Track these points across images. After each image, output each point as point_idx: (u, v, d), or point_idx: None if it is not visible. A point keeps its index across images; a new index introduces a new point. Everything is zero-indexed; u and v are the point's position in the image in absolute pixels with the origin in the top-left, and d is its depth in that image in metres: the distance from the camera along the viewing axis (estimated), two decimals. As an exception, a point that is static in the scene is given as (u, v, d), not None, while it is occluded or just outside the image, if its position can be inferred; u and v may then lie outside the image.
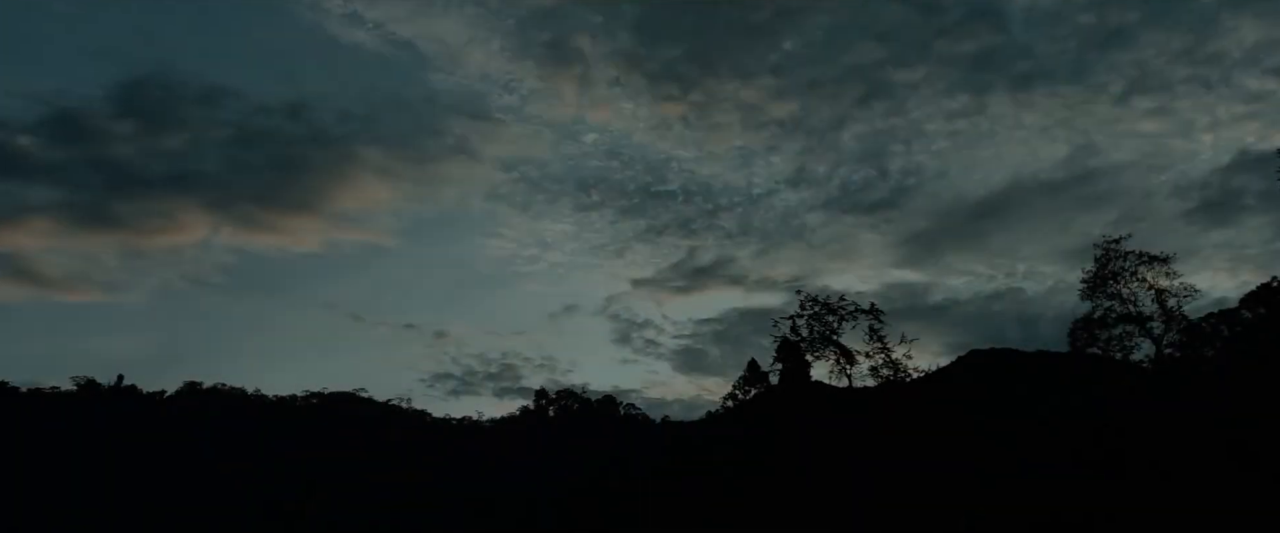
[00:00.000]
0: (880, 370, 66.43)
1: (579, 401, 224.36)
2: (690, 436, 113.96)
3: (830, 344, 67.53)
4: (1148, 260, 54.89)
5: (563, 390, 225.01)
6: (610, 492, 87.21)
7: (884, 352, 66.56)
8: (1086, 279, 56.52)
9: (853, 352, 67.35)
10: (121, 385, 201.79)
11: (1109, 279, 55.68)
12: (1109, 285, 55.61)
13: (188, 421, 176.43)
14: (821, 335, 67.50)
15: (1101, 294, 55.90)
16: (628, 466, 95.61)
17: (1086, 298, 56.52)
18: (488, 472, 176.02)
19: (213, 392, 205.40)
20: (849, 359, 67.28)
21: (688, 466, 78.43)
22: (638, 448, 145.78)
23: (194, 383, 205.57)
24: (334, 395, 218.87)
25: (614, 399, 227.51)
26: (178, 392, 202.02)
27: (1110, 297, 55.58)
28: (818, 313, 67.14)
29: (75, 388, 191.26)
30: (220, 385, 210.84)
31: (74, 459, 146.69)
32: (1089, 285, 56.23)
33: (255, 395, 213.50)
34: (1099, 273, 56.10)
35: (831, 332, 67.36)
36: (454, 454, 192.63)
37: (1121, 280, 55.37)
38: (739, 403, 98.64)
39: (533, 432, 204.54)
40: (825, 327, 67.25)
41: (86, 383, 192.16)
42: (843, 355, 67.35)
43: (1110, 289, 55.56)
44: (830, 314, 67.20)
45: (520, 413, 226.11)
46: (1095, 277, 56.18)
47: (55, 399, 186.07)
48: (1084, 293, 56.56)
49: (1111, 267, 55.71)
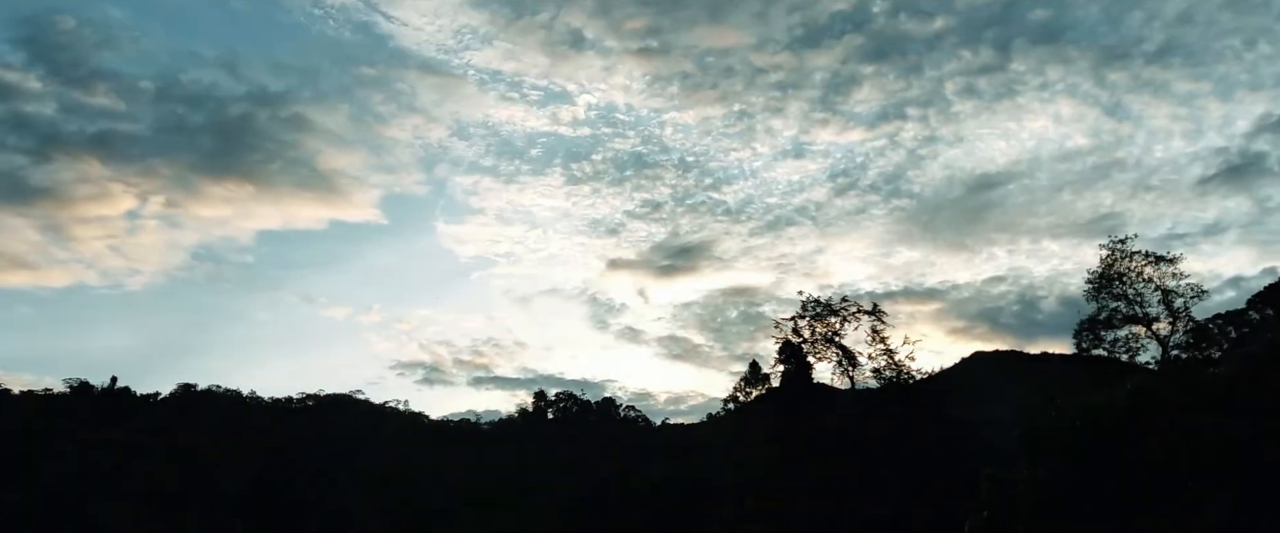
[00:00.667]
0: (883, 372, 66.52)
1: (578, 402, 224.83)
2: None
3: (832, 345, 67.56)
4: (1154, 260, 54.85)
5: (562, 393, 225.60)
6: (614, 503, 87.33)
7: (887, 353, 66.68)
8: (1092, 279, 56.46)
9: (855, 353, 67.43)
10: (115, 388, 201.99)
11: (1115, 279, 55.60)
12: (1115, 286, 55.54)
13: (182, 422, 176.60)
14: (823, 336, 67.55)
15: (1107, 294, 55.83)
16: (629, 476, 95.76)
17: (1092, 299, 56.46)
18: (489, 476, 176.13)
19: (208, 394, 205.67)
20: (851, 360, 67.36)
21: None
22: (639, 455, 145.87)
23: (189, 385, 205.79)
24: (330, 398, 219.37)
25: (613, 401, 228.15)
26: (172, 394, 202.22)
27: (1116, 297, 55.51)
28: (819, 314, 67.18)
29: (67, 390, 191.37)
30: (215, 387, 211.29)
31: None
32: (1095, 286, 56.17)
33: (251, 397, 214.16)
34: (1105, 273, 56.01)
35: (833, 332, 67.42)
36: (453, 458, 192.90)
37: (1128, 281, 55.30)
38: (741, 405, 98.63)
39: (532, 435, 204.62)
40: (827, 328, 67.29)
41: (79, 384, 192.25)
42: (845, 357, 67.41)
43: (1116, 289, 55.49)
44: (832, 315, 67.27)
45: (518, 415, 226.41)
46: (1101, 277, 56.11)
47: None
48: (1089, 294, 56.50)
49: (1118, 266, 55.63)
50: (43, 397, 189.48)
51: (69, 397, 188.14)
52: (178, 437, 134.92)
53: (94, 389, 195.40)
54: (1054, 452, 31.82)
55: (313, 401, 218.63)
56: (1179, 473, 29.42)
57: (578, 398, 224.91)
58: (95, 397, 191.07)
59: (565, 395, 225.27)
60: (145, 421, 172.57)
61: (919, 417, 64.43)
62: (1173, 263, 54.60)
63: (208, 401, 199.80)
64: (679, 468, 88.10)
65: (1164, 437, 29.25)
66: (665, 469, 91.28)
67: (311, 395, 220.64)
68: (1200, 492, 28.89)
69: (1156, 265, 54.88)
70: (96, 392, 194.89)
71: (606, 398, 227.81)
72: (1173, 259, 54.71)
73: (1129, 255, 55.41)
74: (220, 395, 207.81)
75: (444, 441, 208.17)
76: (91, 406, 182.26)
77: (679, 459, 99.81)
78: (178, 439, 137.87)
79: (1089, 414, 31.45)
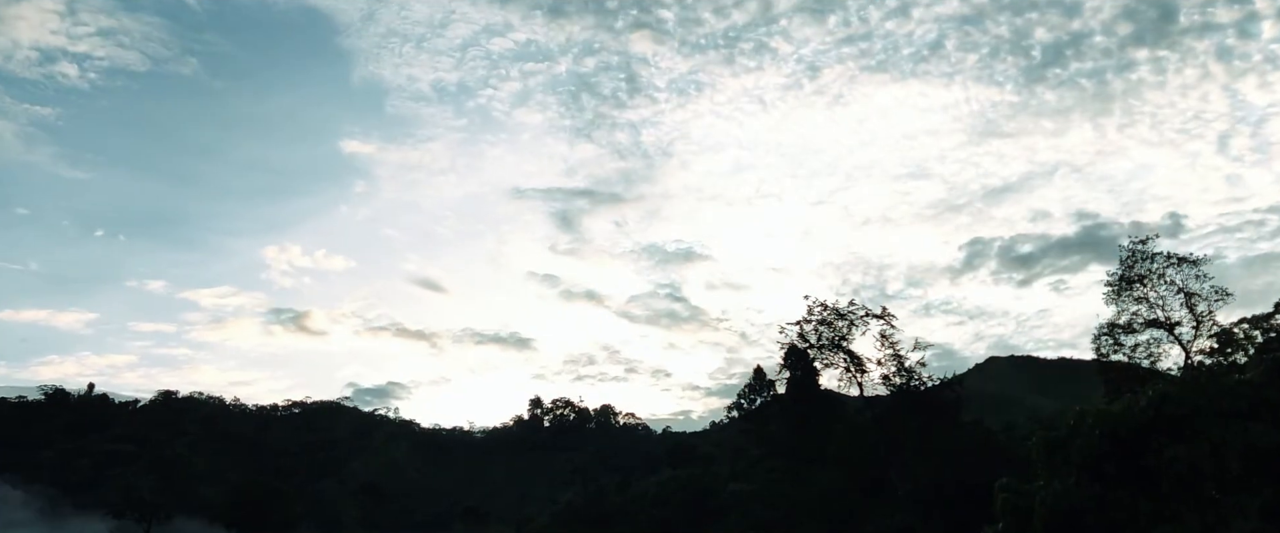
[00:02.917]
0: (893, 378, 66.32)
1: (576, 410, 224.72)
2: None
3: (840, 351, 67.33)
4: (1176, 262, 54.65)
5: (559, 400, 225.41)
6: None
7: (896, 358, 66.47)
8: (1111, 282, 56.27)
9: (863, 358, 67.20)
10: (92, 394, 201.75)
11: (1135, 281, 55.40)
12: (1135, 288, 55.34)
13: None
14: (830, 342, 67.30)
15: (1127, 297, 55.62)
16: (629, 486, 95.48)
17: (1111, 302, 56.25)
18: (483, 486, 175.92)
19: (190, 401, 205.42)
20: (860, 366, 67.13)
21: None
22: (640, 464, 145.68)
23: (170, 393, 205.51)
24: (317, 405, 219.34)
25: (611, 408, 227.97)
26: (151, 401, 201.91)
27: (1137, 300, 55.31)
28: (826, 318, 66.94)
29: (43, 397, 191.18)
30: (197, 394, 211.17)
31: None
32: (1115, 288, 55.95)
33: (235, 405, 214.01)
34: (1124, 275, 55.81)
35: (841, 337, 67.16)
36: (445, 467, 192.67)
37: (1149, 283, 55.10)
38: (746, 413, 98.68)
39: (527, 443, 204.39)
40: (834, 332, 67.05)
41: (54, 391, 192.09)
42: (853, 362, 67.19)
43: (1137, 292, 55.29)
44: (839, 319, 67.00)
45: (514, 423, 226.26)
46: (1121, 279, 55.90)
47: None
48: (1108, 296, 56.28)
49: (1138, 268, 55.44)
50: (15, 404, 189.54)
51: (44, 404, 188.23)
52: (158, 445, 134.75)
53: (71, 396, 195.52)
54: (1072, 461, 31.70)
55: (299, 409, 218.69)
56: (1203, 484, 29.32)
57: (575, 406, 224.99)
58: (72, 404, 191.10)
59: (562, 403, 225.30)
60: (124, 429, 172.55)
61: (931, 425, 64.30)
62: (1196, 264, 54.41)
63: (190, 408, 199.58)
64: (681, 478, 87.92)
65: (1187, 446, 29.13)
66: (667, 479, 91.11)
67: (298, 403, 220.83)
68: (1226, 504, 28.80)
69: (1179, 267, 54.67)
70: (73, 399, 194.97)
71: (605, 405, 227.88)
72: (1196, 260, 54.54)
73: (1150, 256, 55.21)
74: (203, 403, 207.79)
75: (435, 449, 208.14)
76: (68, 413, 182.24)
77: (681, 468, 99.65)
78: (158, 448, 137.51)
79: (1108, 422, 31.33)
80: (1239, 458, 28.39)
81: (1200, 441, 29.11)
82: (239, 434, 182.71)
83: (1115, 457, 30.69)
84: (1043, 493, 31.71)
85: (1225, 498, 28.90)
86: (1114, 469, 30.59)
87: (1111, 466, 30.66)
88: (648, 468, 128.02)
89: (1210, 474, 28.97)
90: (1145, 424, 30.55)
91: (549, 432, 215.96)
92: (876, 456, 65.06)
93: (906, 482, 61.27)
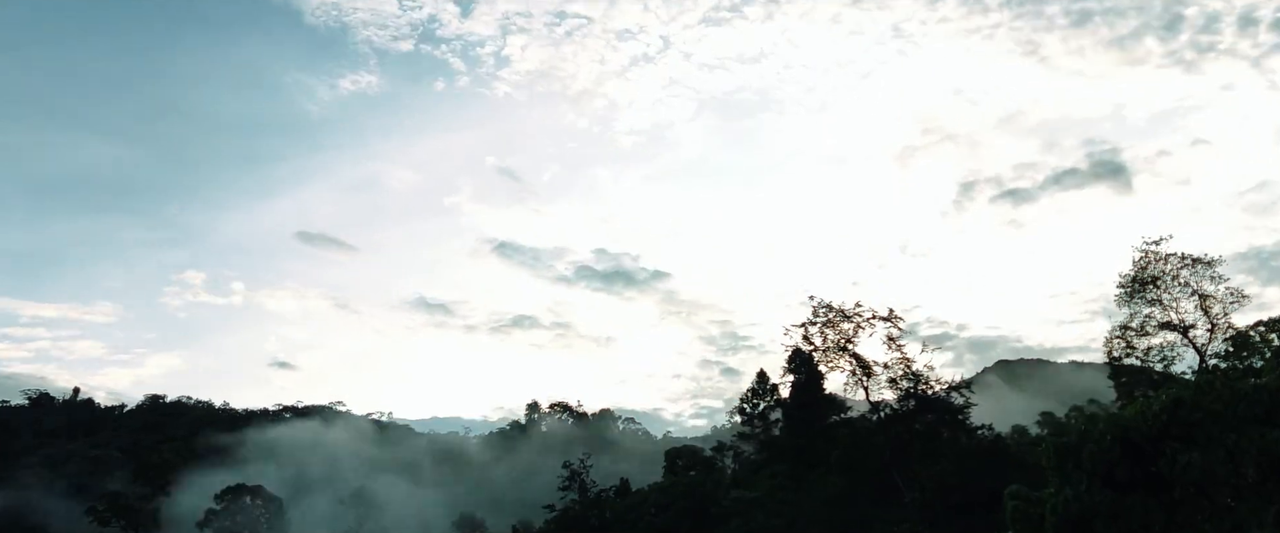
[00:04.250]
0: (900, 382, 66.23)
1: (574, 414, 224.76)
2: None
3: (845, 354, 67.31)
4: (1191, 263, 54.64)
5: (556, 403, 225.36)
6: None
7: (904, 361, 66.38)
8: (1124, 284, 56.23)
9: (870, 362, 67.15)
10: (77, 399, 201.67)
11: (1148, 284, 55.38)
12: (1148, 291, 55.33)
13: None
14: (836, 344, 67.26)
15: (1140, 300, 55.61)
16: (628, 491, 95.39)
17: (1124, 304, 56.23)
18: (477, 491, 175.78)
19: (177, 405, 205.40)
20: (866, 370, 67.07)
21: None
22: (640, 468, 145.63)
23: (156, 396, 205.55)
24: (309, 408, 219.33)
25: (610, 413, 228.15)
26: (139, 406, 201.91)
27: (1150, 303, 55.31)
28: (831, 320, 66.89)
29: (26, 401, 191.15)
30: (185, 398, 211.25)
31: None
32: (1127, 291, 55.92)
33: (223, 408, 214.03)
34: (1137, 277, 55.81)
35: (846, 340, 67.12)
36: (440, 470, 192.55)
37: (1162, 285, 55.09)
38: (748, 417, 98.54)
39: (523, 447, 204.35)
40: (840, 335, 67.02)
41: (38, 396, 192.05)
42: (859, 366, 67.14)
43: (1150, 294, 55.28)
44: (845, 321, 66.96)
45: (510, 427, 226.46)
46: (1133, 281, 55.89)
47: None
48: (1121, 299, 56.27)
49: (1151, 270, 55.42)
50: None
51: (28, 409, 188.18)
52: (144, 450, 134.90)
53: (55, 401, 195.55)
54: (1084, 468, 31.70)
55: (289, 412, 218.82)
56: (1218, 491, 29.32)
57: (572, 409, 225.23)
58: (56, 409, 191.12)
59: (559, 407, 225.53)
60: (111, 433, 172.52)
61: (939, 430, 64.27)
62: (1211, 266, 54.39)
63: (177, 412, 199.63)
64: (682, 483, 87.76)
65: (1202, 452, 29.13)
66: (668, 484, 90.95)
67: (289, 407, 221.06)
68: (1241, 511, 28.80)
69: (1193, 268, 54.66)
70: (57, 404, 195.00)
71: (604, 409, 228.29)
72: (1210, 261, 54.52)
73: (1163, 258, 55.21)
74: (191, 407, 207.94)
75: (432, 453, 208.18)
76: (53, 418, 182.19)
77: (682, 473, 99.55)
78: (144, 453, 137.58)
79: (1121, 428, 31.34)
80: (1255, 464, 28.39)
81: (1215, 446, 29.12)
82: (223, 438, 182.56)
83: (1128, 463, 30.67)
84: (1054, 500, 31.72)
85: (1240, 505, 28.90)
86: (1126, 476, 30.57)
87: (1124, 472, 30.64)
88: (648, 473, 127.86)
89: (1225, 481, 28.97)
90: (1158, 430, 30.55)
91: (545, 435, 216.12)
92: (883, 462, 65.00)
93: (913, 489, 61.24)
